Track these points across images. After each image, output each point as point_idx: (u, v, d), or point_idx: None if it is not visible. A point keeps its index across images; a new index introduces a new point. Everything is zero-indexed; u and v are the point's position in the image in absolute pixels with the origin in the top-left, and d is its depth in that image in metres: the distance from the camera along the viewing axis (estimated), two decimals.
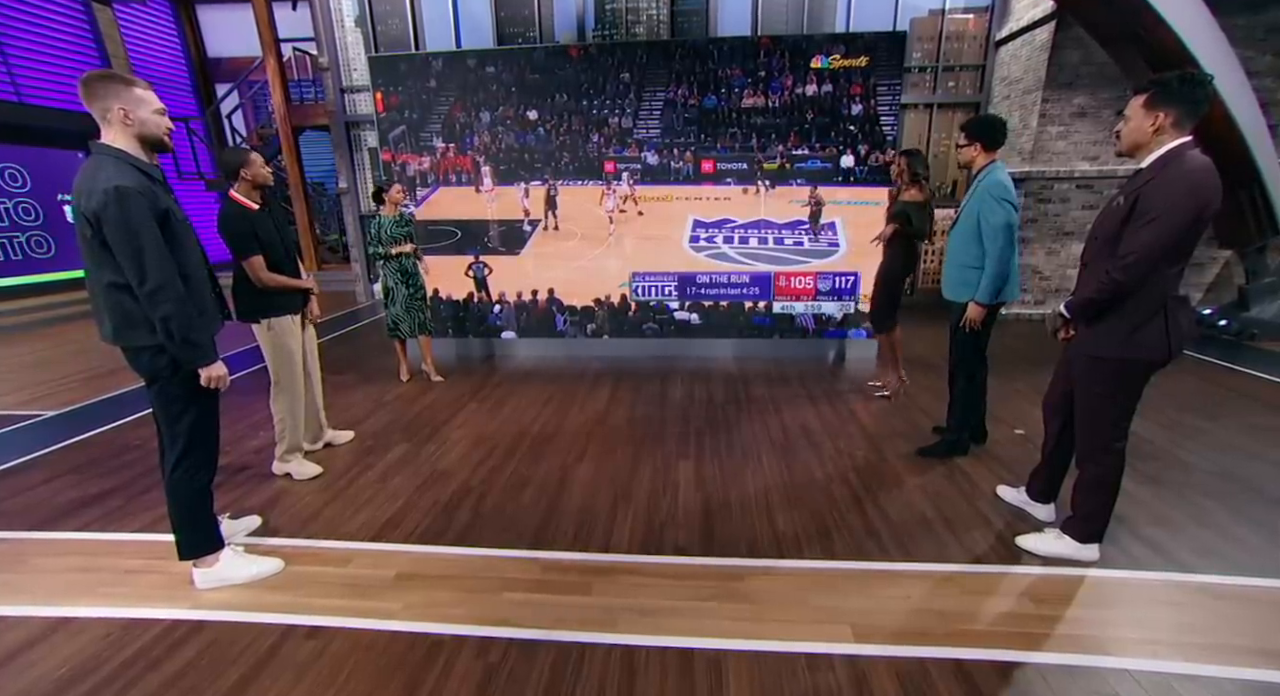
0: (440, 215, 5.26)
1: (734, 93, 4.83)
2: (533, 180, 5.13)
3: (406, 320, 4.60)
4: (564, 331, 5.49)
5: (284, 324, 2.99)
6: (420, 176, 5.17)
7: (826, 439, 3.70)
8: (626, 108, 4.94)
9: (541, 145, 5.04)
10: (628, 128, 4.98)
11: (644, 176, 5.06)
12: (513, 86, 4.93)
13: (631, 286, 5.33)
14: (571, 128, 4.99)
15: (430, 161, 5.14)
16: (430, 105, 5.02)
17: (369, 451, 3.57)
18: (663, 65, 4.83)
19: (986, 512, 2.80)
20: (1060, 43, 5.88)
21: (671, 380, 4.91)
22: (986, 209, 2.89)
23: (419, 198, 5.22)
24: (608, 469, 3.33)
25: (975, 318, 3.01)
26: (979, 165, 3.05)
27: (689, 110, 4.90)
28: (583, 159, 5.07)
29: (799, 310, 5.26)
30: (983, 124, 3.02)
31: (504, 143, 5.06)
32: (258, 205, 2.89)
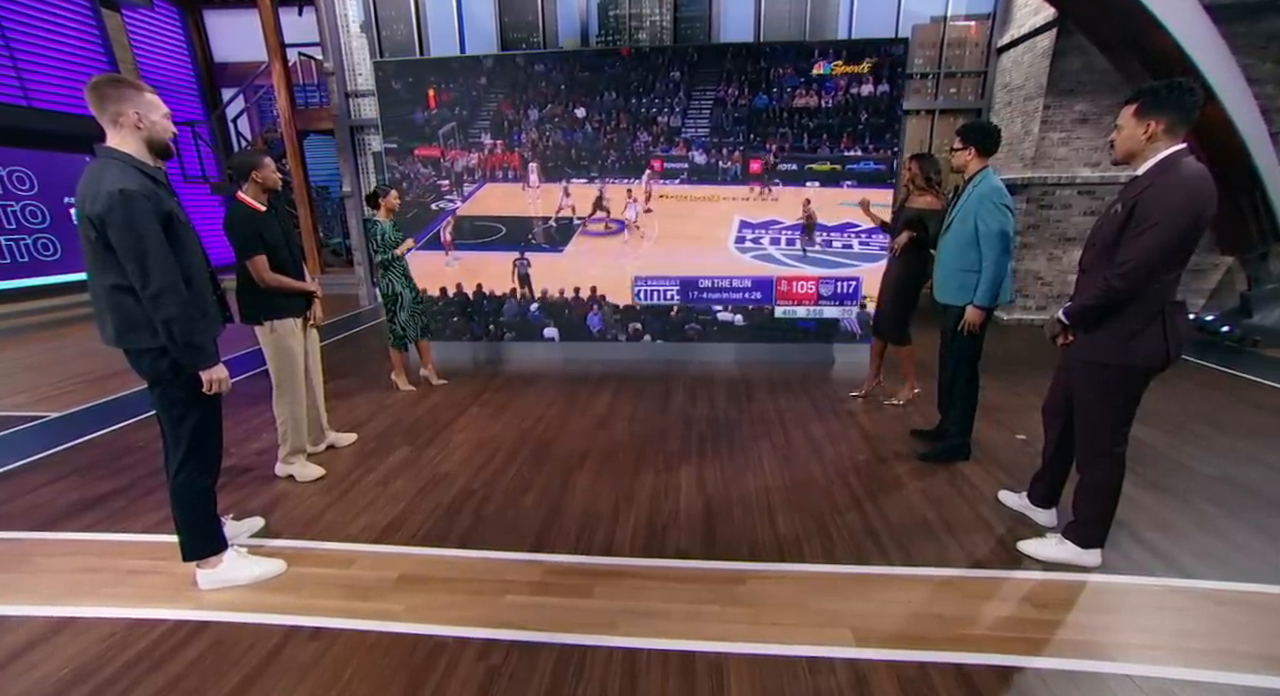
0: (485, 211, 5.27)
1: (786, 92, 4.81)
2: (576, 178, 5.14)
3: (413, 326, 4.62)
4: (603, 330, 5.48)
5: (286, 326, 3.00)
6: (467, 172, 5.19)
7: (827, 443, 3.70)
8: (675, 106, 4.94)
9: (588, 143, 5.06)
10: (676, 126, 4.98)
11: (691, 176, 5.07)
12: (562, 84, 4.95)
13: (634, 290, 5.35)
14: (619, 126, 5.00)
15: (478, 158, 5.16)
16: (480, 101, 5.04)
17: (371, 454, 3.58)
18: (714, 64, 4.84)
19: (988, 517, 2.80)
20: (1061, 49, 5.90)
21: (674, 385, 4.92)
22: (985, 214, 2.91)
23: (466, 193, 5.23)
24: (610, 472, 3.33)
25: (975, 321, 3.02)
26: (972, 170, 3.07)
27: (739, 109, 4.90)
28: (629, 157, 5.08)
29: (802, 315, 5.27)
30: (978, 129, 3.04)
31: (551, 140, 5.08)
32: (264, 207, 2.91)
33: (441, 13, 7.41)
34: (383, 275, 4.46)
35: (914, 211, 3.89)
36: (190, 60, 10.39)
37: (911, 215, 3.90)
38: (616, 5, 7.11)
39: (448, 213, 5.29)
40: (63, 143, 8.32)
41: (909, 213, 3.93)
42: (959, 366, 3.22)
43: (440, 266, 5.41)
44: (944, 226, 3.21)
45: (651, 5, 7.02)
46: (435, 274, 5.42)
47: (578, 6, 7.16)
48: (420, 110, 5.06)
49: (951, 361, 3.24)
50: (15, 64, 8.08)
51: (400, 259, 4.44)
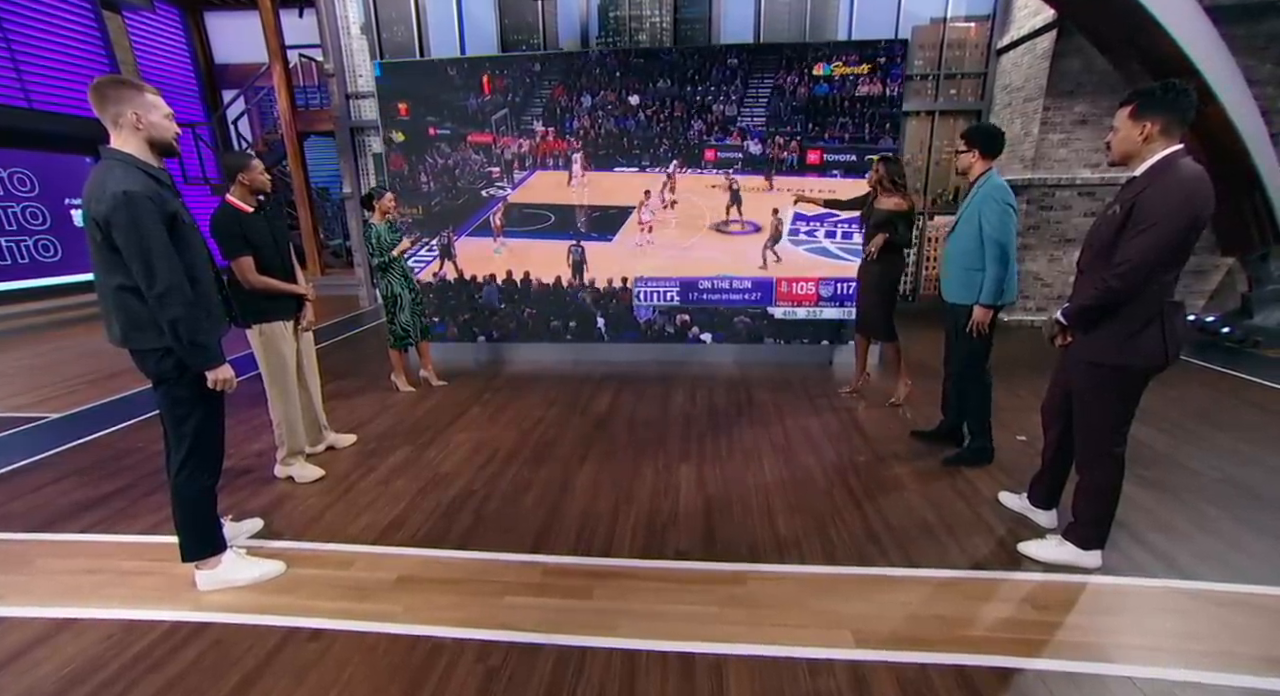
0: (535, 199, 5.26)
1: (848, 80, 4.78)
2: (625, 167, 5.13)
3: (413, 326, 4.62)
4: (650, 321, 5.45)
5: (274, 329, 3.00)
6: (518, 159, 5.19)
7: (827, 443, 3.70)
8: (731, 94, 4.90)
9: (641, 131, 5.04)
10: (731, 115, 4.95)
11: (745, 165, 5.04)
12: (617, 71, 4.94)
13: (635, 292, 5.35)
14: (673, 114, 4.98)
15: (529, 145, 5.15)
16: (534, 88, 5.04)
17: (371, 454, 3.58)
18: (772, 51, 4.81)
19: (988, 518, 2.80)
20: (1061, 51, 5.91)
21: (674, 385, 4.92)
22: (989, 212, 2.92)
23: (515, 181, 5.23)
24: (609, 472, 3.33)
25: (982, 320, 3.03)
26: (977, 172, 3.08)
27: (797, 97, 4.86)
28: (683, 146, 5.05)
29: (802, 315, 5.27)
30: (981, 131, 3.06)
31: (603, 127, 5.07)
32: (252, 208, 2.91)
33: (442, 15, 7.42)
34: (381, 277, 4.46)
35: (884, 212, 3.99)
36: (191, 62, 10.41)
37: (882, 216, 4.00)
38: (616, 7, 7.12)
39: (498, 199, 5.28)
40: (64, 144, 8.35)
41: (879, 214, 4.02)
42: (968, 366, 3.22)
43: (487, 253, 5.41)
44: (951, 228, 3.21)
45: (651, 7, 7.03)
46: (482, 260, 5.42)
47: (578, 8, 7.17)
48: (474, 96, 5.06)
49: (959, 361, 3.24)
50: (16, 66, 8.10)
51: (398, 260, 4.44)
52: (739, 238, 5.19)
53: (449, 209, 5.32)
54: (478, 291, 5.49)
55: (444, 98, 5.07)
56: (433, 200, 5.31)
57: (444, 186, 5.27)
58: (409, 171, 5.26)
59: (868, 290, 4.23)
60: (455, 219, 5.33)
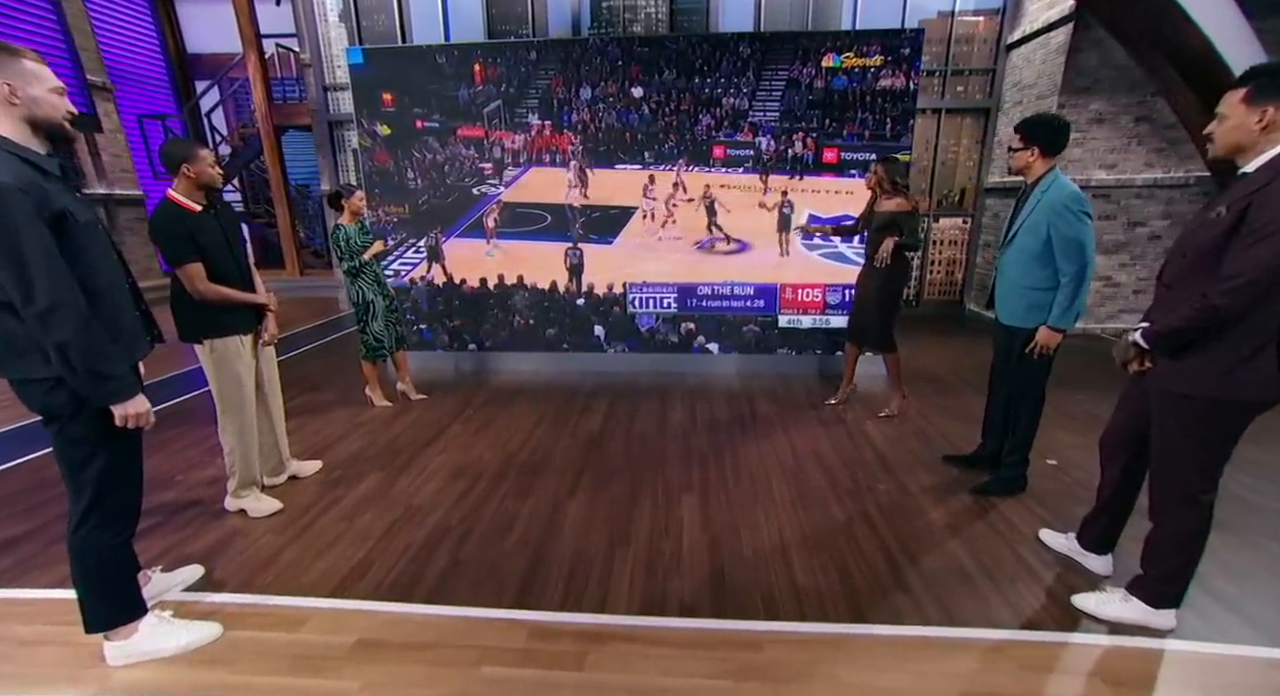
0: (530, 198, 4.89)
1: (869, 73, 4.44)
2: (628, 164, 4.78)
3: (387, 336, 4.24)
4: (653, 329, 5.09)
5: (229, 346, 2.61)
6: (512, 155, 4.81)
7: (841, 466, 3.38)
8: (743, 87, 4.55)
9: (644, 126, 4.68)
10: (742, 109, 4.60)
11: (756, 164, 4.70)
12: (619, 60, 4.57)
13: (630, 298, 5.00)
14: (680, 107, 4.62)
15: (524, 139, 4.78)
16: (529, 79, 4.67)
17: (337, 483, 3.20)
18: (788, 40, 4.46)
19: (1031, 562, 2.48)
20: (1078, 45, 5.63)
21: (671, 398, 4.58)
22: (1062, 224, 2.55)
23: (507, 179, 4.86)
24: (603, 504, 2.98)
25: (1051, 344, 2.69)
26: (1037, 172, 2.71)
27: (814, 91, 4.51)
28: (689, 142, 4.70)
29: (807, 324, 4.94)
30: (1042, 124, 2.67)
31: (604, 122, 4.70)
32: (200, 206, 2.52)
33: (426, 3, 7.03)
34: (351, 283, 4.07)
35: (887, 214, 3.72)
36: (161, 51, 9.91)
37: (885, 219, 3.73)
38: None
39: (490, 198, 4.91)
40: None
41: (881, 217, 3.79)
42: (1026, 392, 2.89)
43: (479, 256, 5.04)
44: (1005, 238, 2.87)
45: None
46: (474, 263, 5.05)
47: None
48: (464, 87, 4.68)
49: (1016, 386, 2.91)
50: None
51: (371, 264, 4.06)
52: (729, 259, 4.87)
53: (437, 208, 4.94)
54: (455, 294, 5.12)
55: (432, 88, 4.69)
56: (420, 198, 4.93)
57: (432, 184, 4.90)
58: (394, 167, 4.87)
59: (869, 299, 3.98)
60: (444, 218, 4.96)
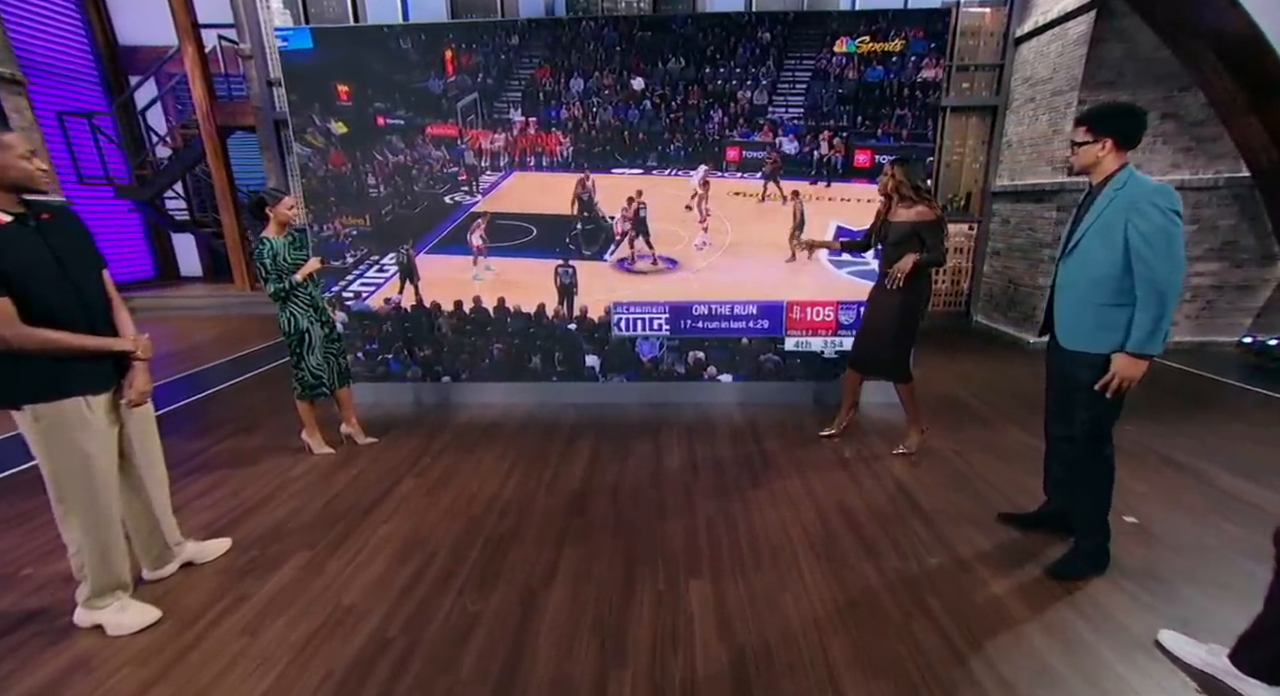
0: (513, 207, 4.21)
1: (909, 61, 3.83)
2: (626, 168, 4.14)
3: (327, 371, 3.54)
4: (656, 359, 4.44)
5: (65, 413, 1.88)
6: (491, 158, 4.13)
7: (878, 528, 2.78)
8: (762, 78, 3.92)
9: (646, 123, 4.02)
10: (760, 105, 3.97)
11: (765, 171, 4.09)
12: (617, 45, 3.90)
13: (614, 320, 4.35)
14: (687, 101, 3.97)
15: (505, 139, 4.09)
16: (510, 68, 3.98)
17: (246, 572, 2.50)
18: (815, 23, 3.84)
19: (1159, 677, 1.89)
20: (1100, 35, 5.16)
21: (666, 435, 3.95)
22: (1145, 225, 2.03)
23: (484, 187, 4.17)
24: (589, 596, 2.33)
25: (1133, 376, 2.15)
26: (1107, 169, 2.18)
27: (845, 84, 3.89)
28: (698, 143, 4.05)
29: (818, 347, 4.35)
30: (1116, 113, 2.16)
31: (599, 118, 4.03)
32: (11, 216, 1.80)
33: None
34: (281, 309, 3.36)
35: (905, 226, 3.21)
36: (88, 42, 8.99)
37: (904, 231, 3.22)
38: None
39: (465, 207, 4.22)
40: None
41: (899, 228, 3.24)
42: (1096, 438, 2.32)
43: (458, 275, 4.33)
44: (1065, 248, 2.32)
45: None
46: (452, 284, 4.36)
47: None
48: (434, 77, 3.98)
49: (1083, 429, 2.34)
50: None
51: (306, 286, 3.36)
52: (648, 279, 4.27)
53: (404, 219, 4.25)
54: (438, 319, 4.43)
55: (396, 78, 3.99)
56: (383, 208, 4.23)
57: (397, 191, 4.20)
58: (352, 172, 4.16)
59: (882, 322, 3.42)
60: (414, 231, 4.26)
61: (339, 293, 4.38)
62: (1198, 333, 5.81)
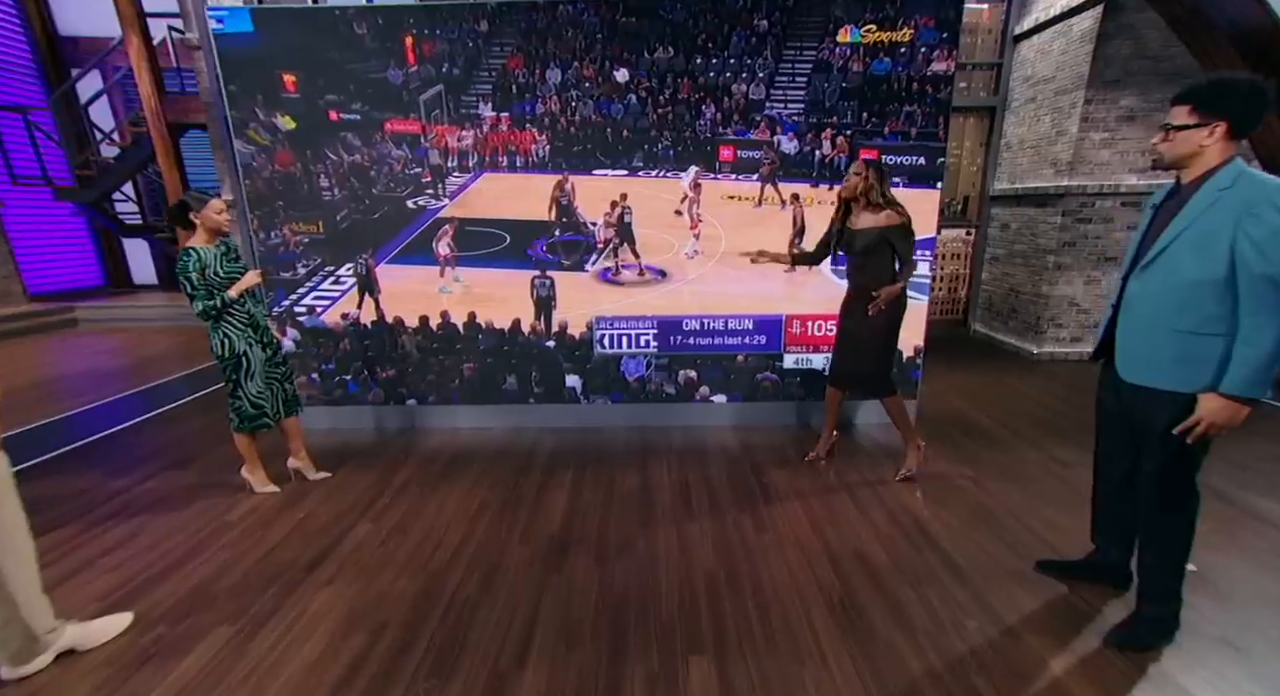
0: (483, 213, 3.79)
1: (918, 53, 3.50)
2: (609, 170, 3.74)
3: (270, 399, 3.08)
4: (643, 378, 4.03)
5: None
6: (458, 157, 3.71)
7: (903, 583, 2.41)
8: (758, 70, 3.56)
9: (631, 119, 3.63)
10: (757, 99, 3.61)
11: (761, 171, 3.72)
12: (599, 32, 3.51)
13: (595, 335, 3.95)
14: (676, 96, 3.60)
15: (474, 136, 3.67)
16: (479, 57, 3.57)
17: (145, 660, 2.04)
18: (816, 11, 3.48)
19: None
20: (1108, 32, 4.90)
21: (654, 463, 3.56)
22: (1265, 235, 1.63)
23: (451, 190, 3.75)
24: (568, 678, 1.93)
25: (1225, 421, 1.73)
26: (1210, 162, 1.76)
27: (849, 77, 3.55)
28: (689, 142, 3.67)
29: (819, 364, 4.00)
30: (1234, 89, 1.72)
31: (579, 114, 3.63)
32: None
33: None
34: (214, 329, 2.90)
35: (873, 232, 2.96)
36: (23, 31, 8.34)
37: (872, 238, 2.96)
38: None
39: (429, 213, 3.79)
40: None
41: (866, 236, 2.98)
42: (1170, 486, 1.94)
43: (428, 290, 3.90)
44: (1136, 260, 1.96)
45: None
46: (417, 297, 3.91)
47: None
48: (393, 66, 3.55)
49: (1153, 476, 1.95)
50: None
51: (243, 302, 2.91)
52: (634, 291, 3.89)
53: (362, 226, 3.80)
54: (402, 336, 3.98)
55: (351, 68, 3.55)
56: (338, 213, 3.78)
57: (353, 194, 3.76)
58: (302, 172, 3.71)
59: (859, 336, 3.16)
60: (373, 239, 3.82)
61: (290, 307, 3.92)
62: None
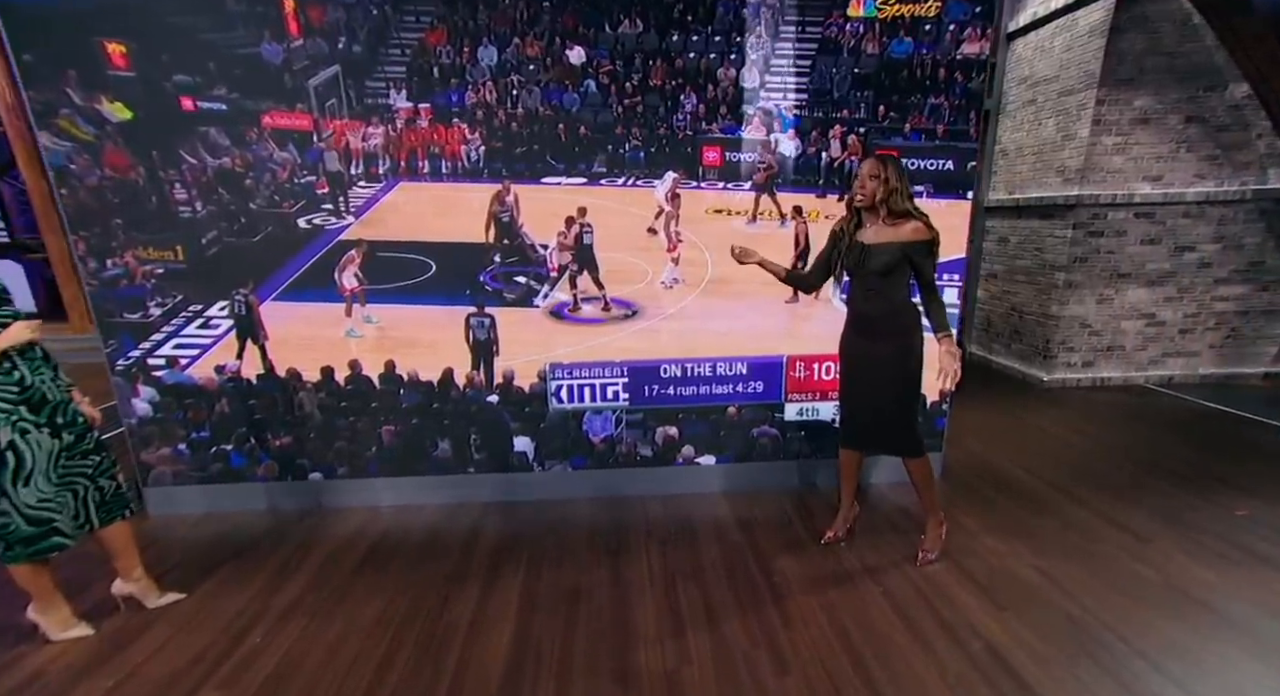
0: (400, 234, 2.92)
1: (946, 31, 2.81)
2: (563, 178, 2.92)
3: (68, 506, 2.12)
4: (611, 438, 3.20)
5: None
6: (364, 161, 2.82)
7: None
8: (750, 51, 2.80)
9: (590, 113, 2.83)
10: (750, 88, 2.85)
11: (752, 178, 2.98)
12: (544, 2, 2.69)
13: (550, 387, 3.12)
14: (647, 82, 2.81)
15: (384, 134, 2.80)
16: (387, 29, 2.71)
17: None
18: None
19: None
20: (1120, 25, 4.40)
21: (629, 553, 2.76)
22: None
23: (357, 207, 2.88)
24: None
25: None
26: None
27: (863, 61, 2.82)
28: (664, 141, 2.88)
29: (828, 415, 3.26)
30: None
31: (521, 104, 2.80)
32: None
33: None
34: None
35: (893, 248, 2.28)
36: None
37: (891, 255, 2.28)
38: None
39: (330, 234, 2.90)
40: None
41: (882, 252, 2.29)
42: None
43: (331, 334, 3.01)
44: None
45: None
46: (320, 344, 3.01)
47: None
48: (270, 39, 2.64)
49: None
50: None
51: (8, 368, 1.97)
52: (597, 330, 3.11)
53: (239, 251, 2.89)
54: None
55: (207, 38, 2.63)
56: (203, 235, 2.85)
57: (223, 209, 2.83)
58: (147, 179, 2.76)
59: (877, 380, 2.46)
60: (254, 268, 2.91)
61: (141, 359, 2.96)
62: (1222, 364, 5.14)
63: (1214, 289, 4.94)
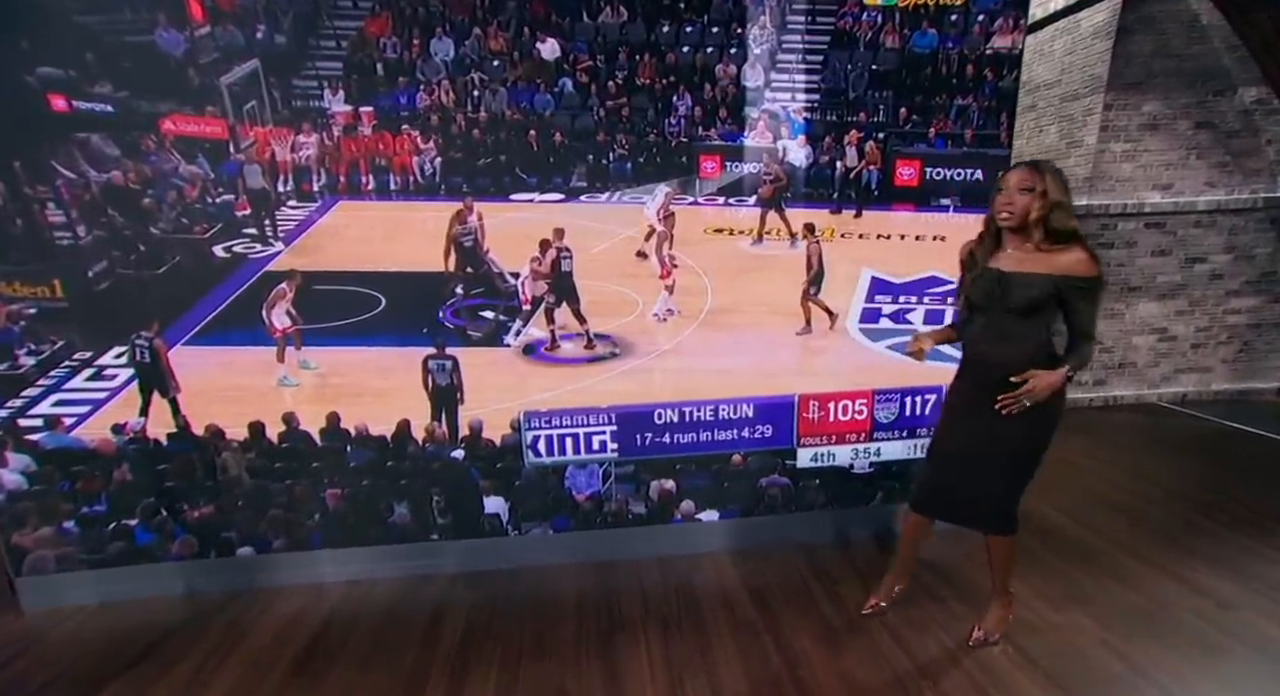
0: (340, 262, 2.47)
1: (974, 22, 2.45)
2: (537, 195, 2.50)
3: None
4: (598, 495, 2.75)
5: None
6: (294, 176, 2.35)
7: None
8: (754, 44, 2.42)
9: (567, 117, 2.41)
10: (754, 87, 2.45)
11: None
12: None
13: (526, 439, 2.65)
14: (634, 81, 2.42)
15: (318, 144, 2.34)
16: (317, 17, 2.28)
17: None
18: None
19: None
20: (1127, 25, 4.17)
21: (625, 632, 2.32)
22: None
23: (287, 232, 2.43)
24: None
25: None
26: None
27: (882, 57, 2.44)
28: (654, 150, 2.47)
29: (845, 459, 2.85)
30: None
31: (484, 106, 2.37)
32: None
33: None
34: None
35: (1044, 281, 1.80)
36: None
37: (1041, 290, 1.80)
38: None
39: (255, 264, 2.41)
40: None
41: (1029, 285, 1.81)
42: None
43: (260, 383, 2.52)
44: None
45: None
46: (246, 396, 2.53)
47: None
48: (167, 25, 2.15)
49: None
50: None
51: None
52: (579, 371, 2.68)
53: (138, 285, 2.37)
54: None
55: (84, 22, 2.13)
56: (90, 267, 2.33)
57: (115, 236, 2.33)
58: (7, 197, 2.24)
59: (987, 443, 1.98)
60: (158, 307, 2.40)
61: (10, 420, 2.42)
62: (1235, 380, 4.90)
63: (1225, 301, 4.71)
